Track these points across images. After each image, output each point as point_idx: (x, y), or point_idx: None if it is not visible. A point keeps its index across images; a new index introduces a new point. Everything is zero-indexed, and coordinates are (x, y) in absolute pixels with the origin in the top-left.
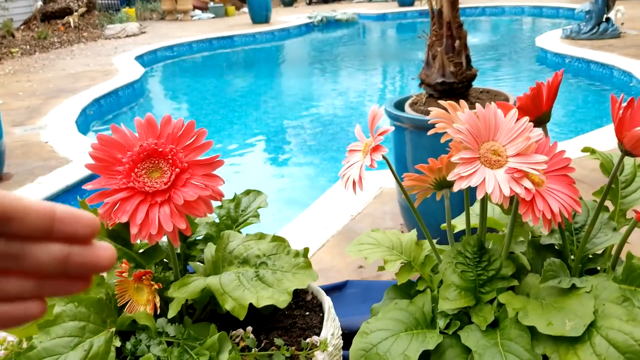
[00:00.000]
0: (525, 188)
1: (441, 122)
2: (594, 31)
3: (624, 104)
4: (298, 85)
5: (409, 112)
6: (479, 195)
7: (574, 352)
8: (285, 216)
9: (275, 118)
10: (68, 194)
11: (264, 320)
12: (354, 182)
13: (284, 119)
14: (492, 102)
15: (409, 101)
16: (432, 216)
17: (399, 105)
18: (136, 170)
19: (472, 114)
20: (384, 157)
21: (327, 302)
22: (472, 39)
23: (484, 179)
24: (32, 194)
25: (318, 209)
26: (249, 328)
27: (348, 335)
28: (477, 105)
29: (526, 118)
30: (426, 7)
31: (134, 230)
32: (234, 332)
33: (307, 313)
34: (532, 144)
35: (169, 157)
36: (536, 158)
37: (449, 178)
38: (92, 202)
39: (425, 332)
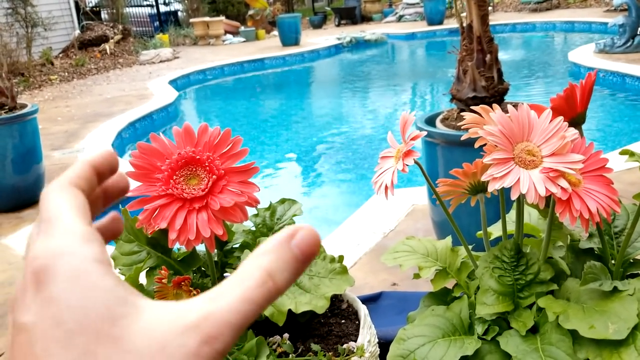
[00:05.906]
0: (562, 187)
1: (475, 127)
2: (628, 44)
3: None
4: (328, 105)
5: (440, 128)
6: (514, 196)
7: (618, 356)
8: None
9: (306, 138)
10: (104, 212)
11: (300, 329)
12: (386, 188)
13: (315, 138)
14: (525, 104)
15: (440, 117)
16: (465, 229)
17: (430, 121)
18: (175, 177)
19: (505, 115)
20: (415, 161)
21: (362, 309)
22: (503, 55)
23: (519, 179)
24: None
25: (350, 226)
26: (286, 335)
27: (384, 345)
28: (509, 107)
29: (560, 118)
30: (455, 25)
31: (172, 235)
32: (271, 338)
33: (343, 321)
34: (567, 143)
35: (206, 164)
36: (572, 157)
37: (483, 178)
38: (132, 208)
39: (463, 338)
